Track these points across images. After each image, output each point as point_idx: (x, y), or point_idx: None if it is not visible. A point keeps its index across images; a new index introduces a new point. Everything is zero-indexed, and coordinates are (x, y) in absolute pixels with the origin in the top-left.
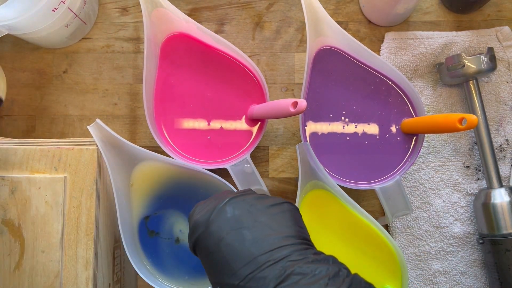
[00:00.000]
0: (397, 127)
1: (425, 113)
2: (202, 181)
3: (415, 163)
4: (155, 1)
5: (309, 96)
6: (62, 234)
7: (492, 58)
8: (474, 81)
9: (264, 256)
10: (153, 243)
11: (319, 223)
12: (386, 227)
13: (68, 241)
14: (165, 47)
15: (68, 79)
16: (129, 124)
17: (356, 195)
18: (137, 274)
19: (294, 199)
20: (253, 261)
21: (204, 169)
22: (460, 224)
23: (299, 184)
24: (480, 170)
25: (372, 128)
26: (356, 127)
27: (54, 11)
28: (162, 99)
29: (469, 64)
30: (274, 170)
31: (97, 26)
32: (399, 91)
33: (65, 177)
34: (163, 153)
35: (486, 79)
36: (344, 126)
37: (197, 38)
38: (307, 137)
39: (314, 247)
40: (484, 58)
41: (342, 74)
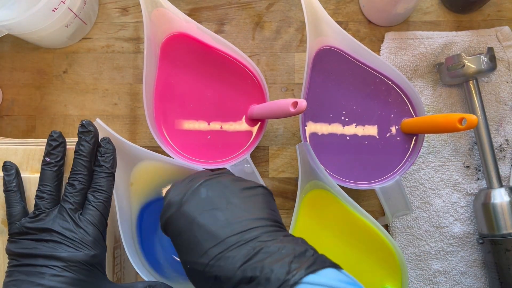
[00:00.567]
0: (397, 127)
1: (425, 113)
2: None
3: (415, 163)
4: (155, 1)
5: (309, 96)
6: None
7: (492, 58)
8: (474, 81)
9: (235, 237)
10: (153, 243)
11: (319, 223)
12: (386, 227)
13: None
14: (165, 47)
15: (68, 79)
16: (129, 124)
17: (356, 195)
18: (137, 274)
19: (294, 199)
20: (224, 241)
21: (204, 169)
22: (460, 224)
23: (299, 184)
24: (480, 170)
25: (372, 128)
26: (356, 127)
27: (54, 11)
28: (162, 99)
29: (469, 64)
30: (274, 170)
31: (97, 26)
32: (399, 91)
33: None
34: (163, 153)
35: (486, 79)
36: (344, 126)
37: (197, 38)
38: (307, 137)
39: (285, 230)
40: (484, 58)
41: (342, 74)
